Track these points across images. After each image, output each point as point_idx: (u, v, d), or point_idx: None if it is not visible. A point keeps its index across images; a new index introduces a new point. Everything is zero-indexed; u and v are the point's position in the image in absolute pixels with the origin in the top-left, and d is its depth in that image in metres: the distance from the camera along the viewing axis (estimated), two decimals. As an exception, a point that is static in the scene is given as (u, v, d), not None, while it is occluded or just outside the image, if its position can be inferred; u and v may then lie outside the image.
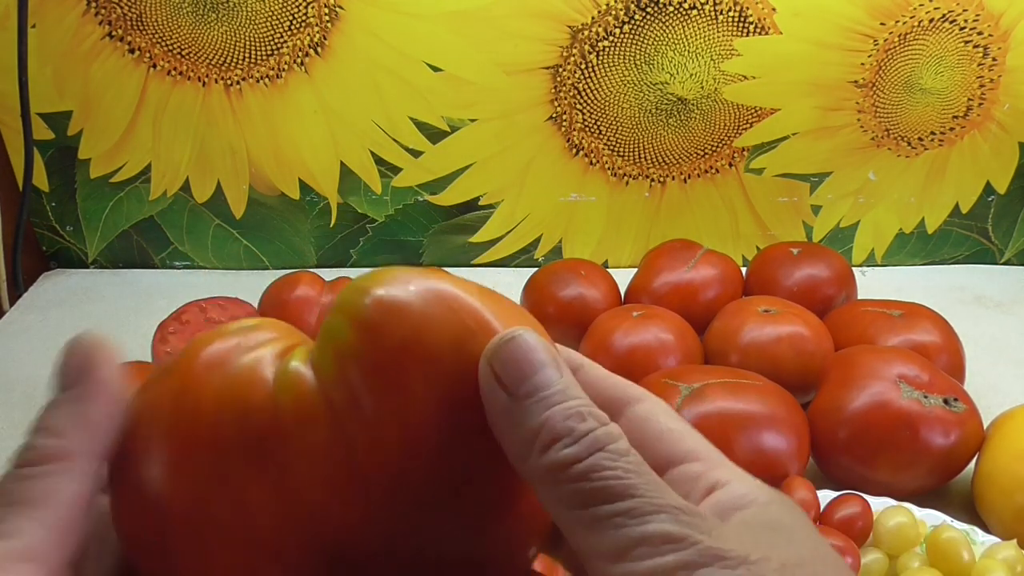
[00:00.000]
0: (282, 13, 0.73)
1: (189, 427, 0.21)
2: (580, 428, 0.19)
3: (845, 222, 0.86)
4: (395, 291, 0.21)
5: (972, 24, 0.75)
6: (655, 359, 0.62)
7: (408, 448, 0.20)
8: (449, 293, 0.21)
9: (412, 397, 0.20)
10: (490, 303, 0.22)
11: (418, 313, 0.21)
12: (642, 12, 0.74)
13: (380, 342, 0.20)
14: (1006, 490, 0.52)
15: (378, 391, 0.20)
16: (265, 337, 0.23)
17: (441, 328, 0.21)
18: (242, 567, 0.20)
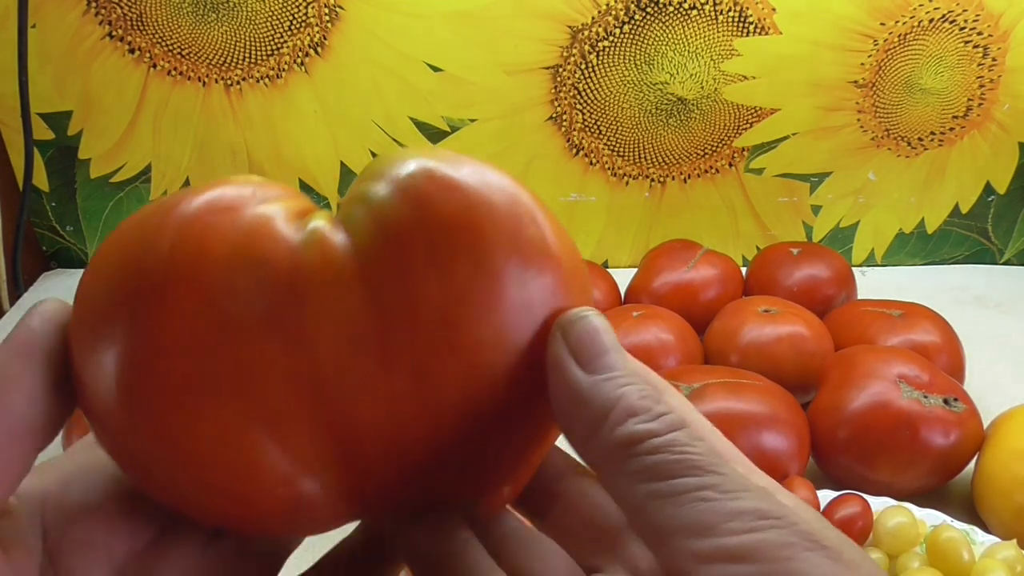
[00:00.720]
0: (282, 13, 0.73)
1: (193, 273, 0.18)
2: (656, 408, 0.19)
3: (845, 222, 0.86)
4: (445, 165, 0.20)
5: (972, 24, 0.75)
6: (655, 359, 0.62)
7: (450, 331, 0.18)
8: (500, 179, 0.20)
9: (462, 278, 0.18)
10: (533, 197, 0.21)
11: (472, 186, 0.20)
12: (642, 12, 0.74)
13: (439, 213, 0.19)
14: (1006, 490, 0.52)
15: (427, 266, 0.18)
16: (277, 193, 0.20)
17: (497, 211, 0.19)
18: (233, 434, 0.18)
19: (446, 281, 0.18)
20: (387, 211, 0.19)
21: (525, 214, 0.20)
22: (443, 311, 0.18)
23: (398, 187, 0.19)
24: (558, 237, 0.20)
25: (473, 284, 0.19)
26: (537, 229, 0.20)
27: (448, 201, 0.19)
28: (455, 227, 0.19)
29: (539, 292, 0.19)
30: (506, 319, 0.19)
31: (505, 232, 0.19)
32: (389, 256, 0.19)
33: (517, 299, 0.19)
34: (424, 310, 0.18)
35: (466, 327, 0.19)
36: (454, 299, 0.18)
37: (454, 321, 0.18)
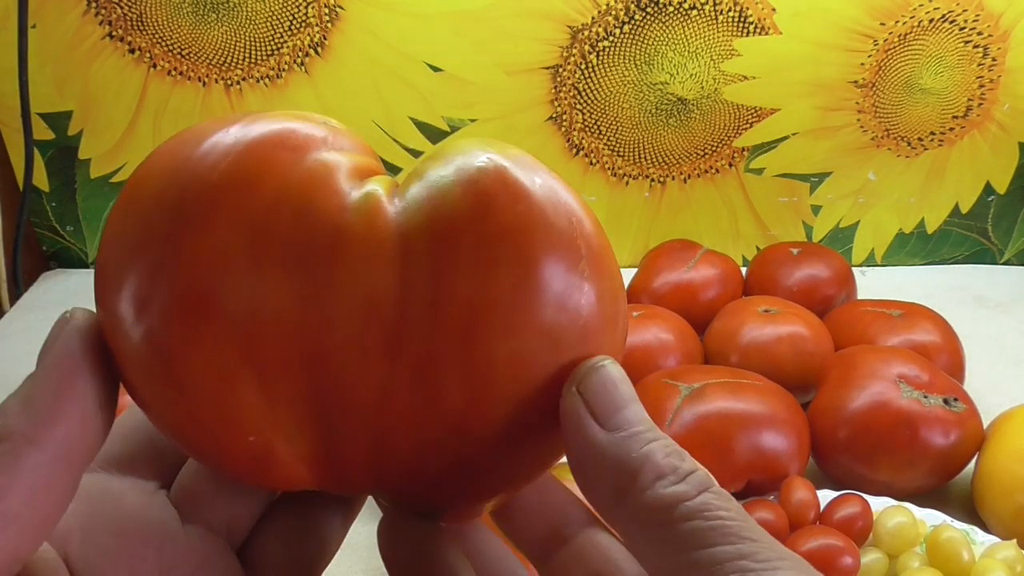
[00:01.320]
0: (282, 13, 0.73)
1: (238, 199, 0.18)
2: (683, 466, 0.18)
3: (845, 222, 0.86)
4: (519, 169, 0.19)
5: (972, 24, 0.75)
6: (655, 359, 0.62)
7: (466, 341, 0.18)
8: (569, 200, 0.19)
9: (498, 291, 0.18)
10: (594, 222, 0.20)
11: (538, 201, 0.19)
12: (642, 12, 0.74)
13: (497, 217, 0.18)
14: (1006, 490, 0.52)
15: (468, 268, 0.18)
16: (350, 143, 0.20)
17: (556, 234, 0.19)
18: (224, 369, 0.18)
19: (481, 290, 0.18)
20: (447, 199, 0.18)
21: (582, 244, 0.19)
22: (467, 318, 0.18)
23: (465, 178, 0.19)
24: (606, 277, 0.20)
25: (506, 301, 0.18)
26: (588, 264, 0.19)
27: (511, 209, 0.18)
28: (510, 238, 0.18)
29: (569, 329, 0.19)
30: (528, 345, 0.18)
31: (558, 257, 0.19)
32: (434, 246, 0.18)
33: (546, 329, 0.18)
34: (447, 311, 0.18)
35: (485, 342, 0.18)
36: (482, 310, 0.18)
37: (474, 332, 0.18)
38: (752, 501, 0.51)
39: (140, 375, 0.19)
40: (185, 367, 0.18)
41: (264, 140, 0.19)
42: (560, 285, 0.18)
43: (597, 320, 0.19)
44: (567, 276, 0.19)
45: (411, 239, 0.18)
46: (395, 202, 0.19)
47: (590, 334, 0.19)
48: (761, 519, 0.49)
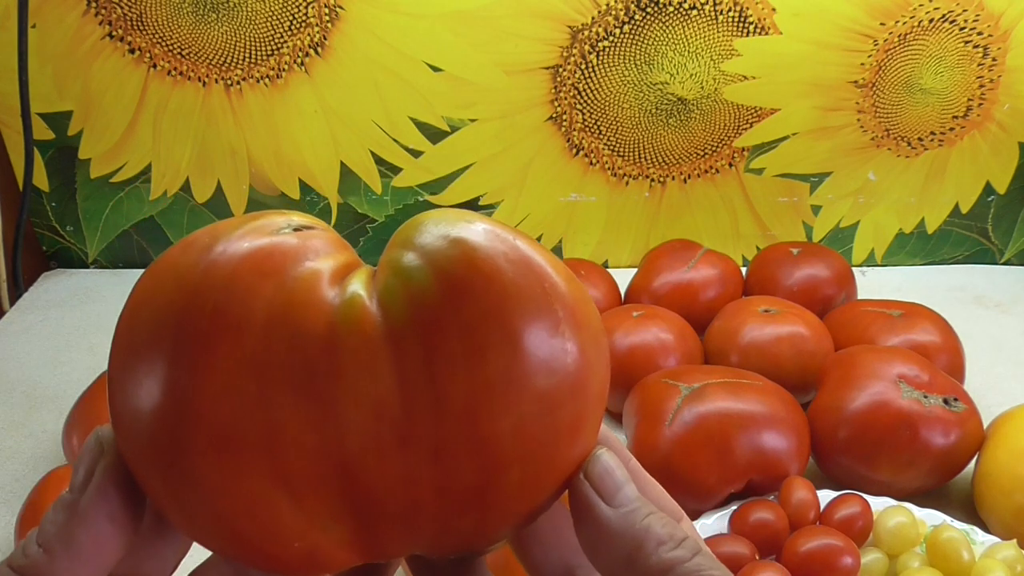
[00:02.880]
0: (282, 13, 0.73)
1: (233, 339, 0.19)
2: (678, 534, 0.21)
3: (845, 222, 0.86)
4: (486, 246, 0.20)
5: (972, 24, 0.75)
6: (655, 359, 0.62)
7: (470, 423, 0.19)
8: (539, 265, 0.21)
9: (491, 374, 0.19)
10: (577, 289, 0.21)
11: (510, 277, 0.20)
12: (642, 12, 0.74)
13: (475, 306, 0.19)
14: (1006, 490, 0.52)
15: (458, 357, 0.19)
16: (321, 246, 0.21)
17: (529, 299, 0.20)
18: (257, 493, 0.19)
19: (474, 375, 0.19)
20: (425, 295, 0.19)
21: (559, 306, 0.20)
22: (467, 403, 0.19)
23: (437, 268, 0.20)
24: (585, 328, 0.21)
25: (500, 380, 0.19)
26: (567, 323, 0.20)
27: (486, 294, 0.19)
28: (490, 322, 0.19)
29: (560, 388, 0.20)
30: (526, 413, 0.20)
31: (538, 327, 0.20)
32: (422, 342, 0.19)
33: (540, 395, 0.20)
34: (448, 401, 0.19)
35: (488, 421, 0.19)
36: (479, 393, 0.19)
37: (476, 414, 0.19)
38: (752, 501, 0.51)
39: (176, 508, 0.20)
40: (221, 498, 0.19)
41: (244, 268, 0.20)
42: (545, 352, 0.20)
43: (583, 372, 0.21)
44: (550, 342, 0.20)
45: (399, 338, 0.19)
46: (374, 301, 0.20)
47: (579, 386, 0.21)
48: (761, 519, 0.49)
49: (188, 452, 0.19)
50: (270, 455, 0.19)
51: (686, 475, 0.52)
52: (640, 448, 0.54)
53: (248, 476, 0.19)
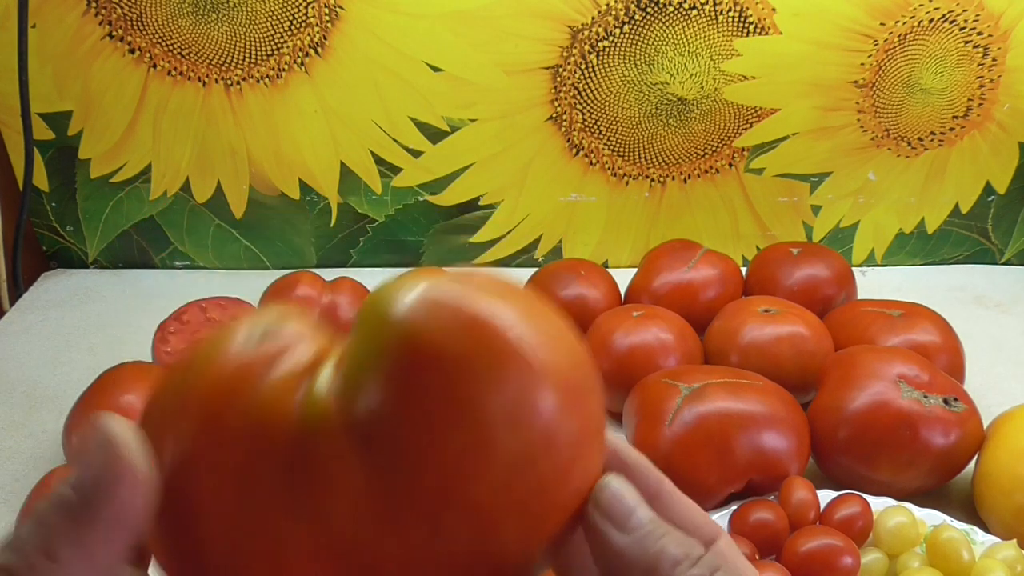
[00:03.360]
0: (282, 13, 0.73)
1: (218, 458, 0.20)
2: (693, 552, 0.22)
3: (845, 222, 0.86)
4: (430, 328, 0.20)
5: (972, 24, 0.75)
6: (655, 359, 0.62)
7: (447, 502, 0.20)
8: (489, 323, 0.20)
9: (452, 449, 0.19)
10: (532, 330, 0.21)
11: (463, 358, 0.20)
12: (642, 12, 0.74)
13: (419, 392, 0.20)
14: (1006, 490, 0.52)
15: (419, 446, 0.19)
16: (293, 341, 0.22)
17: (484, 383, 0.20)
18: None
19: (438, 455, 0.19)
20: (374, 390, 0.20)
21: (520, 371, 0.20)
22: (437, 482, 0.19)
23: (381, 361, 0.20)
24: (561, 375, 0.21)
25: (463, 455, 0.19)
26: (534, 384, 0.20)
27: (437, 386, 0.20)
28: (440, 404, 0.19)
29: (534, 447, 0.20)
30: (500, 476, 0.20)
31: (498, 401, 0.20)
32: (386, 431, 0.20)
33: (510, 458, 0.20)
34: (420, 484, 0.20)
35: (460, 493, 0.20)
36: (447, 471, 0.19)
37: (447, 490, 0.20)
38: (752, 501, 0.51)
39: None
40: None
41: (221, 389, 0.21)
42: (504, 413, 0.20)
43: (557, 417, 0.21)
44: (507, 401, 0.20)
45: (364, 431, 0.20)
46: (340, 394, 0.20)
47: (554, 432, 0.20)
48: (761, 519, 0.49)
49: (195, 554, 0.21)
50: (277, 560, 0.20)
51: (686, 475, 0.52)
52: (640, 448, 0.54)
53: (255, 566, 0.20)
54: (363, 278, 0.74)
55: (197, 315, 0.68)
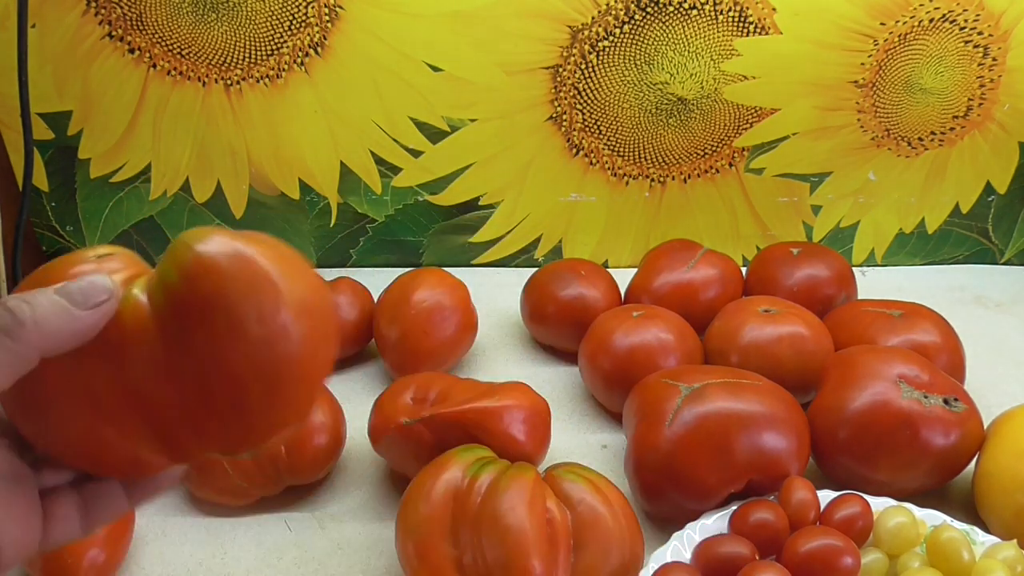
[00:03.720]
0: (282, 13, 0.73)
1: None
2: None
3: (845, 222, 0.86)
4: (212, 250, 0.30)
5: (972, 24, 0.75)
6: (655, 359, 0.62)
7: (200, 362, 0.30)
8: (254, 262, 0.30)
9: (211, 332, 0.29)
10: (281, 265, 0.30)
11: (228, 277, 0.30)
12: (642, 12, 0.74)
13: (196, 290, 0.29)
14: (1006, 490, 0.52)
15: (191, 326, 0.29)
16: (117, 266, 0.32)
17: (242, 290, 0.29)
18: (88, 426, 0.31)
19: (207, 333, 0.29)
20: (170, 285, 0.30)
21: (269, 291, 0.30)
22: (206, 354, 0.29)
23: (177, 267, 0.30)
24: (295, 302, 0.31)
25: (226, 336, 0.29)
26: (271, 299, 0.30)
27: (210, 287, 0.29)
28: (213, 300, 0.29)
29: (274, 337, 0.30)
30: (251, 354, 0.30)
31: (251, 306, 0.30)
32: (173, 316, 0.30)
33: (257, 344, 0.30)
34: (194, 352, 0.30)
35: (223, 362, 0.29)
36: (214, 343, 0.29)
37: (214, 360, 0.30)
38: (752, 501, 0.51)
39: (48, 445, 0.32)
40: (72, 435, 0.31)
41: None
42: (256, 322, 0.29)
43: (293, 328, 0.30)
44: (259, 311, 0.30)
45: (160, 315, 0.30)
46: (145, 295, 0.30)
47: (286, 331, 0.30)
48: (761, 519, 0.49)
49: (44, 406, 0.30)
50: (92, 400, 0.30)
51: (686, 475, 0.52)
52: (640, 448, 0.54)
53: (83, 416, 0.30)
54: (363, 278, 0.74)
55: (197, 315, 0.68)
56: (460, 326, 0.68)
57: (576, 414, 0.67)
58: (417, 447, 0.55)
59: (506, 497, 0.46)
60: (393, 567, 0.52)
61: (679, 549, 0.50)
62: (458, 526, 0.47)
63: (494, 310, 0.79)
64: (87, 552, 0.49)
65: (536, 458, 0.57)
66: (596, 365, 0.65)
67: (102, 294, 0.29)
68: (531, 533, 0.45)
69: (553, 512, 0.47)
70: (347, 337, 0.70)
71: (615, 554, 0.47)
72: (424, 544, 0.46)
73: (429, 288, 0.68)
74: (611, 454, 0.62)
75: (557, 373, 0.71)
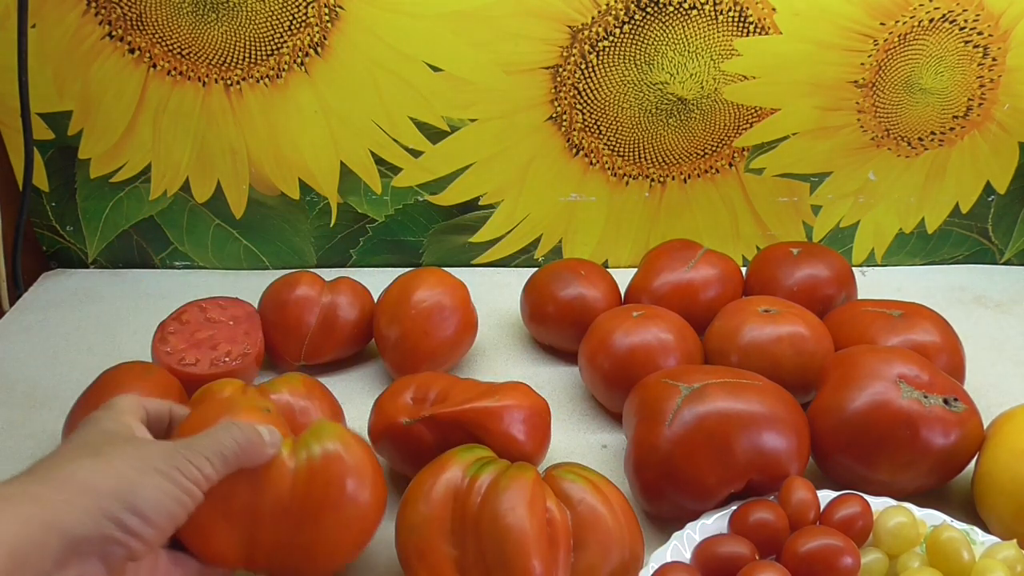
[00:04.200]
0: (282, 13, 0.73)
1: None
2: None
3: (845, 222, 0.86)
4: (336, 455, 0.46)
5: (972, 24, 0.75)
6: (655, 359, 0.62)
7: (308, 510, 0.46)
8: (360, 456, 0.47)
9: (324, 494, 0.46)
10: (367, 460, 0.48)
11: (338, 470, 0.46)
12: (642, 12, 0.74)
13: (326, 466, 0.46)
14: (1006, 490, 0.52)
15: (315, 486, 0.46)
16: (279, 424, 0.47)
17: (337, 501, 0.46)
18: (212, 520, 0.44)
19: (312, 509, 0.45)
20: (303, 467, 0.46)
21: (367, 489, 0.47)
22: (305, 516, 0.45)
23: (310, 456, 0.46)
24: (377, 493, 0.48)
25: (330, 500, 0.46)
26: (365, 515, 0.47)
27: (326, 474, 0.46)
28: (321, 487, 0.46)
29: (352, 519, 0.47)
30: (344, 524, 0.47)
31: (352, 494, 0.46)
32: (305, 476, 0.45)
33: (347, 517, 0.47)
34: (306, 504, 0.45)
35: (319, 516, 0.46)
36: (314, 516, 0.46)
37: (316, 511, 0.46)
38: (752, 501, 0.51)
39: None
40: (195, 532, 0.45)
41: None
42: (345, 505, 0.46)
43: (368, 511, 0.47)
44: (355, 504, 0.47)
45: (296, 479, 0.45)
46: (292, 459, 0.46)
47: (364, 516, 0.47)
48: (761, 519, 0.49)
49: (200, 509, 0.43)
50: (225, 506, 0.44)
51: (686, 475, 0.52)
52: (640, 448, 0.54)
53: (214, 515, 0.44)
54: (363, 278, 0.74)
55: (196, 315, 0.68)
56: (460, 326, 0.68)
57: (576, 414, 0.67)
58: (417, 447, 0.55)
59: (506, 497, 0.46)
60: (393, 567, 0.52)
61: (679, 549, 0.50)
62: (458, 526, 0.47)
63: (494, 310, 0.79)
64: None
65: (536, 458, 0.57)
66: (596, 365, 0.65)
67: (278, 443, 0.45)
68: (531, 533, 0.45)
69: (553, 512, 0.47)
70: (347, 337, 0.70)
71: (615, 554, 0.47)
72: (424, 544, 0.46)
73: (429, 288, 0.68)
74: (611, 454, 0.62)
75: (557, 373, 0.71)
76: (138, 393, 0.57)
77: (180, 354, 0.64)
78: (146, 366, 0.61)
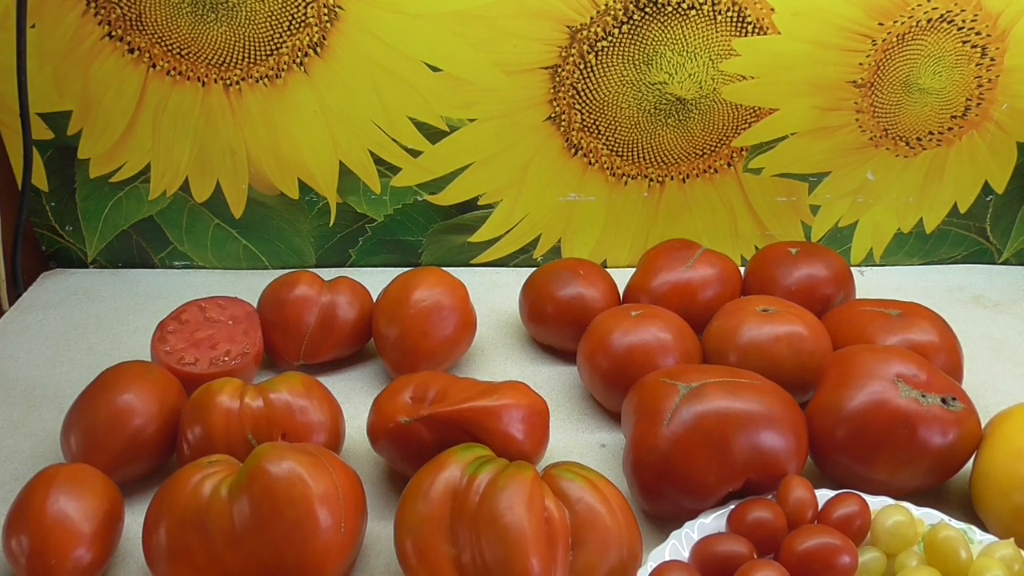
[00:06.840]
0: (282, 13, 0.73)
1: (178, 512, 0.48)
2: None
3: (844, 222, 0.86)
4: (272, 474, 0.47)
5: (970, 24, 0.75)
6: (654, 358, 0.62)
7: (254, 534, 0.47)
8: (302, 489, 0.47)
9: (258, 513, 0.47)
10: (312, 470, 0.48)
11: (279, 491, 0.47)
12: (641, 12, 0.74)
13: (260, 500, 0.47)
14: (1004, 489, 0.52)
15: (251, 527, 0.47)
16: (217, 469, 0.50)
17: (284, 511, 0.47)
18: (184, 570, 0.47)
19: (262, 535, 0.47)
20: (240, 499, 0.47)
21: (332, 502, 0.48)
22: (254, 542, 0.47)
23: (247, 485, 0.47)
24: (339, 505, 0.48)
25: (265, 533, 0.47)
26: (306, 520, 0.47)
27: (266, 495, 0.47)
28: (267, 509, 0.47)
29: (302, 543, 0.47)
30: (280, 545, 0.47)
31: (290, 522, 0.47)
32: (243, 516, 0.47)
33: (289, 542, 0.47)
34: (250, 539, 0.47)
35: (268, 548, 0.47)
36: (260, 537, 0.46)
37: (260, 546, 0.47)
38: (750, 500, 0.51)
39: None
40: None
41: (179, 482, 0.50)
42: (292, 518, 0.47)
43: (321, 521, 0.48)
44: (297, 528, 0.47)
45: (236, 510, 0.47)
46: (228, 494, 0.48)
47: (317, 528, 0.48)
48: (759, 518, 0.49)
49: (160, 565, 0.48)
50: (190, 561, 0.47)
51: (684, 474, 0.52)
52: (638, 447, 0.54)
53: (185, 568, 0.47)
54: (362, 278, 0.74)
55: (196, 315, 0.68)
56: (459, 326, 0.68)
57: (575, 413, 0.67)
58: (416, 446, 0.55)
59: (504, 496, 0.46)
60: (392, 566, 0.53)
61: (677, 548, 0.50)
62: (456, 525, 0.47)
63: (493, 310, 0.79)
64: (72, 552, 0.48)
65: (535, 457, 0.57)
66: (595, 364, 0.65)
67: None
68: (529, 532, 0.45)
69: (551, 511, 0.47)
70: (346, 336, 0.70)
71: (613, 553, 0.47)
72: (423, 543, 0.47)
73: (428, 288, 0.68)
74: (609, 453, 0.63)
75: (556, 372, 0.71)
76: (138, 393, 0.57)
77: (179, 353, 0.65)
78: (145, 365, 0.61)
